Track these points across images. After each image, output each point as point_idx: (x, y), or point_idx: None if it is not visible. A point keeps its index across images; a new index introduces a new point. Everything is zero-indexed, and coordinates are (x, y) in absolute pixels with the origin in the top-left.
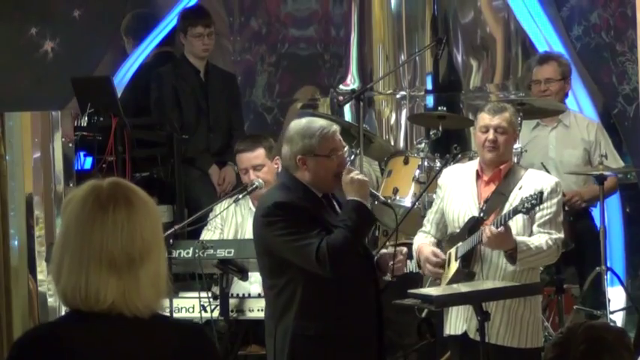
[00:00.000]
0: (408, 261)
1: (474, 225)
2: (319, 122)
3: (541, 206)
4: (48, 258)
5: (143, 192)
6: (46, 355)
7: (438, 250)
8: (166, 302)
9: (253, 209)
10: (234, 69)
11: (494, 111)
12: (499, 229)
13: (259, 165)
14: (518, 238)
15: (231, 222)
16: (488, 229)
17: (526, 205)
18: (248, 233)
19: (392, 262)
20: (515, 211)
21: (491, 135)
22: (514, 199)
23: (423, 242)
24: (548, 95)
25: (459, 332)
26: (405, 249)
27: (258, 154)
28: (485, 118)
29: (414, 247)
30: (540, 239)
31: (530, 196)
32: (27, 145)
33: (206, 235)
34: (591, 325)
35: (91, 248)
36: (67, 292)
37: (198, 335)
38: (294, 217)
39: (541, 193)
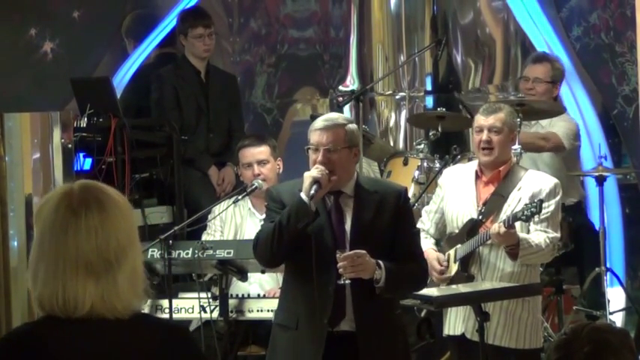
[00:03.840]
0: None
1: (472, 227)
2: (323, 116)
3: None
4: None
5: (116, 192)
6: (27, 356)
7: (441, 256)
8: (166, 303)
9: (253, 210)
10: (234, 70)
11: (488, 111)
12: (507, 229)
13: (264, 160)
14: (521, 235)
15: (231, 223)
16: (498, 227)
17: (525, 212)
18: (247, 234)
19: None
20: (514, 218)
21: (484, 135)
22: (513, 201)
23: (427, 248)
24: (533, 94)
25: (458, 333)
26: (349, 253)
27: (264, 150)
28: (479, 119)
29: None
30: (539, 237)
31: (530, 204)
32: (26, 146)
33: (206, 239)
34: (595, 327)
35: (67, 255)
36: (43, 300)
37: (180, 334)
38: (270, 207)
39: (541, 201)
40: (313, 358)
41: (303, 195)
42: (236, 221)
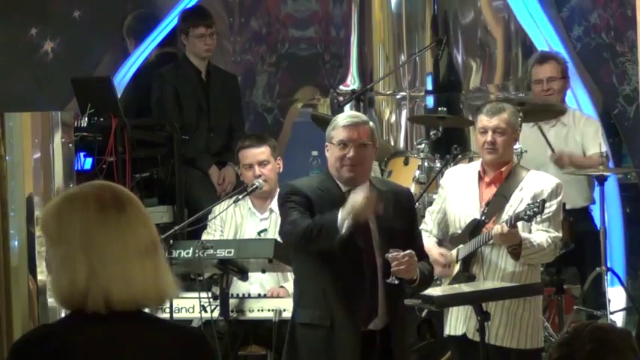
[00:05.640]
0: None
1: (475, 227)
2: (344, 114)
3: None
4: None
5: (128, 191)
6: (46, 357)
7: (444, 250)
8: (166, 302)
9: (253, 210)
10: (235, 69)
11: (492, 112)
12: (509, 229)
13: (265, 161)
14: (523, 235)
15: (231, 223)
16: (500, 227)
17: (528, 212)
18: (247, 234)
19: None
20: (517, 218)
21: (489, 137)
22: (515, 201)
23: (429, 244)
24: (552, 94)
25: (459, 333)
26: (406, 252)
27: (264, 150)
28: (483, 120)
29: None
30: (541, 237)
31: (533, 204)
32: (27, 146)
33: (206, 238)
34: (597, 326)
35: (103, 249)
36: (64, 296)
37: (199, 340)
38: (293, 199)
39: (543, 201)
40: (350, 357)
41: (340, 217)
42: (236, 221)
